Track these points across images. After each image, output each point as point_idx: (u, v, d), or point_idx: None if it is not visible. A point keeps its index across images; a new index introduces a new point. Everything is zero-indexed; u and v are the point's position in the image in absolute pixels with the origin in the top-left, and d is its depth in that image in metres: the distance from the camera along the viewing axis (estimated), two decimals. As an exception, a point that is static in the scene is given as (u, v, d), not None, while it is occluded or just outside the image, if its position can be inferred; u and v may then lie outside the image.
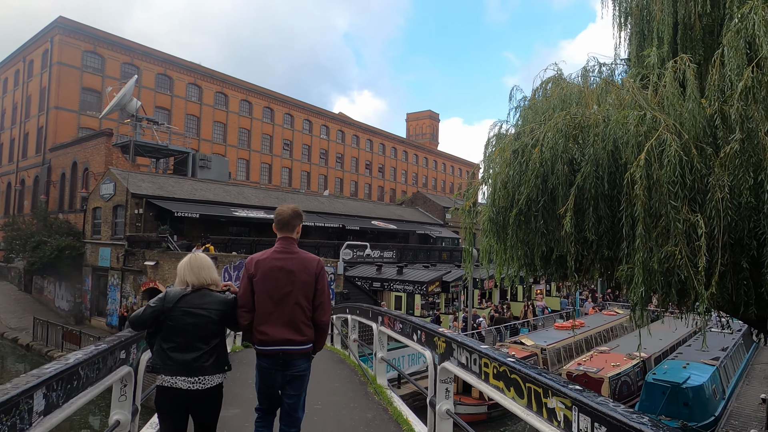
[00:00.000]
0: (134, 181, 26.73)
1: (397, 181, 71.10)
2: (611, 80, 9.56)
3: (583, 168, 6.35)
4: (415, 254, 38.53)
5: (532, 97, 11.36)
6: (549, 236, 6.63)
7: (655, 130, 6.36)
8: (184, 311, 3.25)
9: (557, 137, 6.58)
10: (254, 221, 30.65)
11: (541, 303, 32.09)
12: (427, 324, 4.47)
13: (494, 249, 7.02)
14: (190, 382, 3.15)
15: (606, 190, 6.37)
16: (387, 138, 70.20)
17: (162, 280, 22.84)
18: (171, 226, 25.93)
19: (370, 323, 7.14)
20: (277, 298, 3.49)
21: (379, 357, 6.33)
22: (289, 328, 3.47)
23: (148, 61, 43.17)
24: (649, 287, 5.61)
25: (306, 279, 3.58)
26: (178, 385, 3.15)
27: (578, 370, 15.80)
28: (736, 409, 15.75)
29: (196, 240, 26.56)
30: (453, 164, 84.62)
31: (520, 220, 6.63)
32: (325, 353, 10.82)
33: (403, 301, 25.04)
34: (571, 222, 6.12)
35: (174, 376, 3.16)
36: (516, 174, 6.90)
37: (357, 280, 25.51)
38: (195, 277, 3.40)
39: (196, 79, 46.75)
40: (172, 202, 26.60)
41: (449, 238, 48.29)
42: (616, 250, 6.50)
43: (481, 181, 7.46)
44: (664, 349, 20.30)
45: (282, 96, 55.38)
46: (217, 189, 31.87)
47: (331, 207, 39.62)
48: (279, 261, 3.57)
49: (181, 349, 3.20)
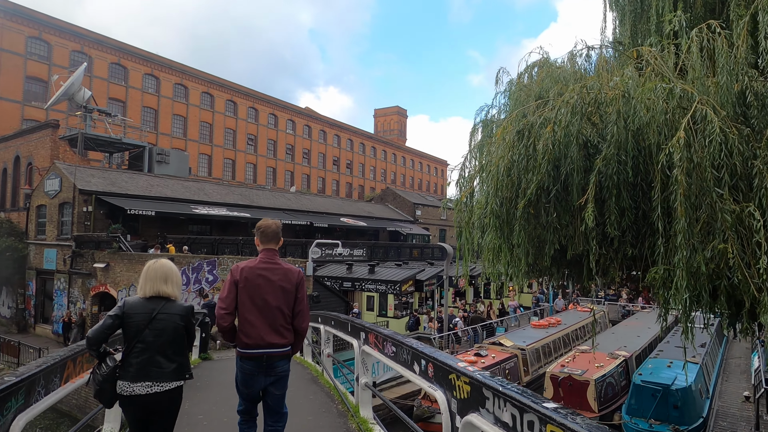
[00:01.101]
0: (82, 176, 24.62)
1: (365, 177, 69.85)
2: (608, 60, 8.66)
3: (605, 151, 5.32)
4: (385, 252, 37.43)
5: (518, 81, 10.46)
6: (562, 232, 5.59)
7: (683, 108, 5.39)
8: (144, 319, 3.30)
9: (572, 114, 5.52)
10: (216, 219, 28.91)
11: (513, 302, 31.29)
12: (436, 353, 3.30)
13: (498, 248, 5.92)
14: (149, 386, 3.20)
15: (630, 177, 5.36)
16: (355, 134, 68.83)
17: (113, 283, 20.98)
18: (124, 224, 23.99)
19: (349, 339, 5.94)
20: (261, 304, 3.73)
21: (363, 383, 5.14)
22: (271, 332, 3.71)
23: (100, 50, 40.51)
24: (695, 293, 4.60)
25: (287, 287, 3.83)
26: (137, 392, 3.19)
27: (563, 373, 15.03)
28: (721, 408, 15.31)
29: (152, 240, 24.72)
30: (422, 161, 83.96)
31: (528, 214, 5.55)
32: (294, 367, 9.55)
33: (375, 301, 23.90)
34: (593, 215, 5.07)
35: (133, 382, 3.21)
36: (522, 159, 5.82)
37: (326, 280, 24.18)
38: (151, 289, 3.44)
39: (153, 70, 44.25)
40: (125, 198, 24.63)
41: (420, 235, 47.45)
42: (640, 247, 5.50)
43: (479, 169, 6.34)
44: (644, 346, 19.85)
45: (246, 89, 53.26)
46: (176, 185, 29.92)
47: (298, 204, 38.09)
48: (264, 270, 3.82)
49: (140, 357, 3.25)
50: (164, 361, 3.28)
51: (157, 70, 44.61)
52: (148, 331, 3.27)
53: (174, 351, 3.35)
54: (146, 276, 3.48)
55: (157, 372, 3.24)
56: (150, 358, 3.25)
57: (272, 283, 3.77)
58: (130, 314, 3.31)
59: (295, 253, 28.50)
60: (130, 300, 3.42)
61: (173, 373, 3.30)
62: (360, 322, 5.40)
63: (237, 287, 3.73)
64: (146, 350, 3.25)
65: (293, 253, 27.94)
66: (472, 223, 6.74)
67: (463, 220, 6.80)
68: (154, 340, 3.27)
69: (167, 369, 3.27)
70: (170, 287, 3.48)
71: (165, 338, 3.31)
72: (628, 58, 6.39)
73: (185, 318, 3.44)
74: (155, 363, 3.25)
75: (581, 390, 14.67)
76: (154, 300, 3.39)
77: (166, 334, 3.32)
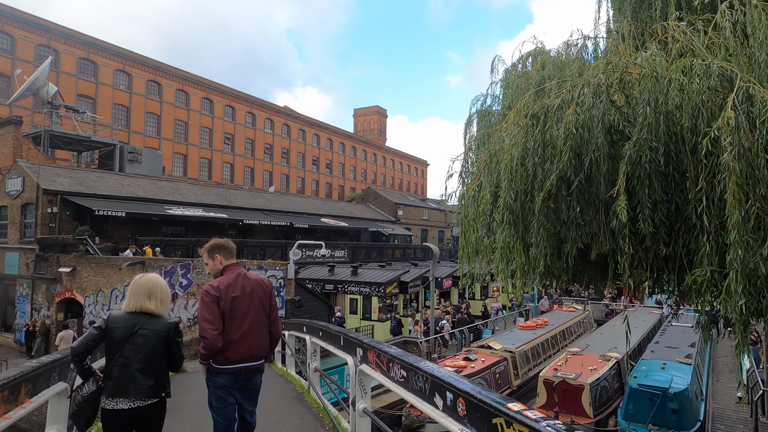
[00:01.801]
0: (47, 176, 23.20)
1: (345, 177, 68.90)
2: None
3: (635, 135, 4.64)
4: (367, 253, 36.66)
5: (515, 69, 9.88)
6: (585, 229, 4.90)
7: (721, 88, 4.76)
8: (125, 334, 3.27)
9: (596, 95, 4.84)
10: (192, 220, 27.71)
11: (496, 304, 30.67)
12: (470, 385, 2.53)
13: (511, 246, 5.19)
14: (131, 401, 3.18)
15: (661, 166, 4.69)
16: (335, 133, 67.83)
17: (80, 289, 19.71)
18: (93, 226, 22.68)
19: (341, 354, 5.15)
20: (242, 318, 3.74)
21: (361, 408, 4.35)
22: (254, 344, 3.77)
23: (68, 44, 38.75)
24: (753, 298, 3.94)
25: (263, 298, 3.91)
26: (119, 407, 3.17)
27: (556, 377, 14.45)
28: (716, 410, 14.95)
29: (122, 242, 23.44)
30: (402, 161, 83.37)
31: (548, 208, 4.84)
32: (277, 381, 8.69)
33: (358, 304, 23.08)
34: (626, 209, 4.38)
35: (114, 397, 3.19)
36: (538, 146, 5.11)
37: (307, 282, 23.24)
38: (135, 304, 3.40)
39: (125, 66, 42.60)
40: (93, 199, 23.29)
41: (402, 235, 46.79)
42: (674, 246, 4.83)
43: (488, 159, 5.60)
44: (633, 347, 19.46)
45: (222, 86, 51.82)
46: (149, 185, 28.60)
47: (278, 204, 37.01)
48: (239, 285, 3.82)
49: (119, 372, 3.22)
50: (142, 377, 3.23)
51: (129, 66, 42.97)
52: (128, 347, 3.25)
53: (152, 368, 3.29)
54: (131, 291, 3.45)
55: (134, 388, 3.20)
56: (128, 374, 3.21)
57: (252, 295, 3.84)
58: (112, 328, 3.29)
59: (274, 254, 27.50)
60: (114, 313, 3.40)
61: (150, 390, 3.24)
62: (356, 336, 4.61)
63: (219, 305, 3.70)
64: (125, 366, 3.22)
65: (272, 255, 26.94)
66: (476, 220, 5.99)
67: (468, 216, 6.05)
68: (134, 356, 3.24)
69: (144, 386, 3.22)
70: (153, 303, 3.41)
71: (144, 354, 3.26)
72: (650, 36, 5.73)
73: (167, 335, 3.36)
74: (133, 379, 3.21)
75: (576, 395, 14.11)
76: (137, 315, 3.36)
77: (145, 350, 3.27)
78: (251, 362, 3.75)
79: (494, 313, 28.21)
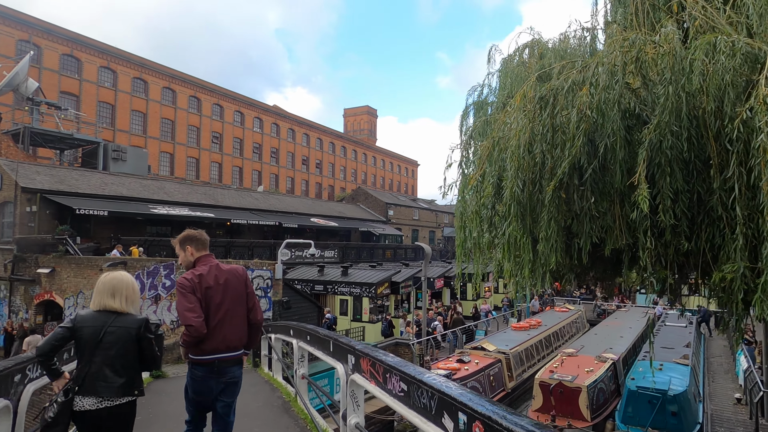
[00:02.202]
0: (26, 174, 22.42)
1: (335, 177, 68.30)
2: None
3: (656, 118, 4.21)
4: (358, 253, 36.17)
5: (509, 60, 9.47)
6: (599, 221, 4.46)
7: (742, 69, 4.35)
8: (94, 332, 3.20)
9: (611, 75, 4.40)
10: (177, 219, 26.97)
11: (485, 306, 30.07)
12: (489, 405, 2.06)
13: (519, 242, 4.73)
14: (98, 401, 3.12)
15: (684, 152, 4.26)
16: (324, 133, 67.21)
17: (59, 290, 18.99)
18: (75, 226, 21.95)
19: (330, 362, 4.67)
20: (217, 309, 3.70)
21: (353, 424, 3.87)
22: (229, 335, 3.72)
23: (51, 40, 37.78)
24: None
25: (238, 286, 3.86)
26: (86, 407, 3.12)
27: (552, 379, 14.06)
28: (715, 412, 14.66)
29: (104, 242, 22.74)
30: (392, 161, 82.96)
31: (559, 199, 4.39)
32: (262, 387, 8.17)
33: (349, 305, 22.56)
34: (648, 199, 3.95)
35: (83, 397, 3.13)
36: (546, 131, 4.66)
37: (296, 283, 22.66)
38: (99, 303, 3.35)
39: (110, 63, 41.68)
40: (74, 198, 22.55)
41: (392, 235, 46.34)
42: (696, 240, 4.40)
43: (490, 146, 5.14)
44: (628, 347, 19.17)
45: (210, 85, 51.01)
46: (133, 183, 27.86)
47: (267, 203, 36.38)
48: (215, 275, 3.77)
49: (89, 371, 3.16)
50: (112, 375, 3.16)
51: (114, 63, 42.06)
52: (97, 345, 3.18)
53: (123, 365, 3.22)
54: (96, 289, 3.43)
55: (105, 387, 3.14)
56: (98, 372, 3.15)
57: (226, 286, 3.78)
58: (80, 327, 3.23)
59: (263, 254, 26.94)
60: (82, 312, 3.34)
61: (121, 389, 3.17)
62: (347, 342, 4.12)
63: (196, 295, 3.65)
64: (95, 364, 3.16)
65: (261, 255, 26.37)
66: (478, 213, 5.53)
67: (467, 209, 5.58)
68: (104, 354, 3.18)
69: (114, 384, 3.15)
70: (117, 302, 3.35)
71: (114, 352, 3.19)
72: (665, 13, 5.31)
73: (137, 331, 3.30)
74: (102, 377, 3.15)
75: (572, 397, 13.73)
76: (105, 313, 3.30)
77: (115, 348, 3.21)
78: (226, 353, 3.68)
79: (484, 315, 27.68)
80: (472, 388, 14.72)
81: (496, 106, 7.89)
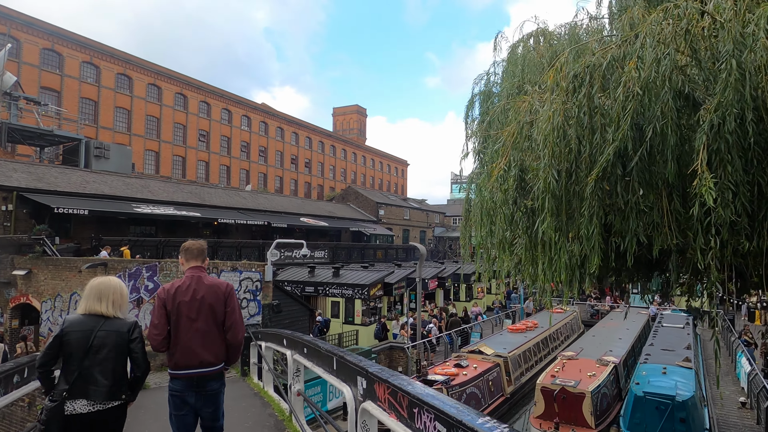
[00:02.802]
0: (2, 171, 21.42)
1: (325, 177, 67.45)
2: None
3: (718, 96, 3.61)
4: (348, 253, 35.48)
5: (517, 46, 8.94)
6: (647, 217, 3.86)
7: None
8: (83, 336, 3.24)
9: (662, 46, 3.79)
10: (162, 219, 26.11)
11: (476, 308, 29.23)
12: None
13: (553, 243, 4.10)
14: (90, 404, 3.14)
15: (750, 138, 3.67)
16: (314, 131, 66.34)
17: (36, 293, 18.04)
18: (54, 225, 20.97)
19: (333, 382, 4.02)
20: (188, 323, 3.69)
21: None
22: (201, 351, 3.67)
23: (30, 33, 36.50)
24: None
25: (215, 304, 3.78)
26: (77, 411, 3.13)
27: (555, 385, 13.51)
28: (720, 417, 14.21)
29: (85, 242, 21.81)
30: (382, 160, 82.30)
31: (602, 191, 3.77)
32: (253, 404, 7.45)
33: (341, 307, 21.86)
34: (712, 191, 3.35)
35: (73, 400, 3.14)
36: (583, 114, 4.03)
37: (286, 284, 21.92)
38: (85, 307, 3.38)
39: (93, 58, 40.47)
40: (53, 196, 21.58)
41: (383, 235, 45.69)
42: (758, 239, 3.81)
43: (516, 132, 4.49)
44: (628, 349, 18.73)
45: (197, 81, 49.89)
46: (116, 182, 26.88)
47: (255, 203, 35.52)
48: (190, 289, 3.77)
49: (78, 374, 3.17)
50: (101, 379, 3.19)
51: (98, 59, 40.84)
52: (88, 350, 3.21)
53: (111, 369, 3.24)
54: (84, 293, 3.46)
55: (94, 390, 3.16)
56: (87, 376, 3.17)
57: (200, 302, 3.75)
58: (68, 331, 3.27)
59: (251, 255, 26.14)
60: (70, 317, 3.37)
61: (110, 392, 3.20)
62: (357, 361, 3.46)
63: (166, 309, 3.70)
64: (84, 368, 3.18)
65: (249, 256, 25.56)
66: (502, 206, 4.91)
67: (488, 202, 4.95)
68: (93, 358, 3.20)
69: (103, 388, 3.18)
70: (104, 305, 3.38)
71: (102, 356, 3.23)
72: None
73: (125, 335, 3.34)
74: (93, 381, 3.17)
75: (576, 403, 13.20)
76: (93, 318, 3.34)
77: (103, 351, 3.24)
78: (201, 369, 3.66)
79: (474, 318, 26.74)
80: (471, 395, 14.15)
81: (508, 92, 7.27)
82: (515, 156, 4.47)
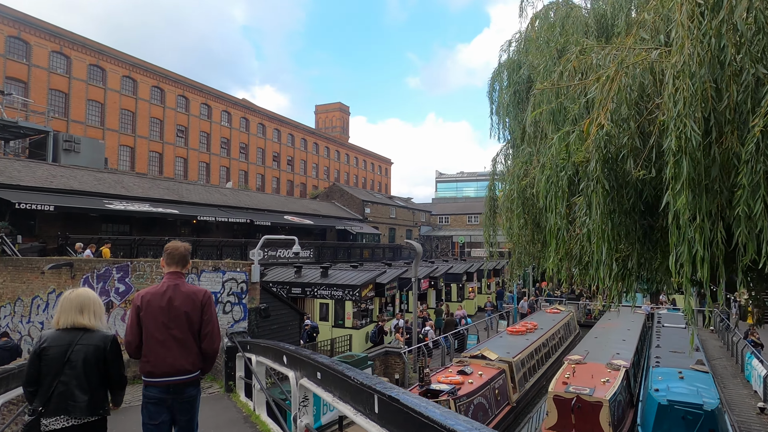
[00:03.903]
0: (-42, 163, 19.53)
1: (308, 175, 65.85)
2: None
3: None
4: (335, 252, 34.13)
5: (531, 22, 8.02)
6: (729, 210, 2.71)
7: None
8: (61, 351, 3.20)
9: None
10: (137, 216, 24.42)
11: (460, 311, 26.36)
12: None
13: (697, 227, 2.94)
14: (65, 420, 3.09)
15: None
16: (296, 128, 64.69)
17: (-6, 297, 16.29)
18: (14, 223, 19.20)
19: (368, 427, 2.74)
20: (163, 330, 3.64)
21: None
22: (176, 359, 3.63)
23: (-6, 20, 34.27)
24: None
25: (191, 311, 3.74)
26: (53, 426, 3.08)
27: (569, 393, 12.43)
28: (741, 424, 13.32)
29: (51, 241, 20.06)
30: (366, 158, 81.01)
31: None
32: (241, 429, 6.17)
33: (330, 309, 20.53)
34: None
35: (50, 417, 3.09)
36: (725, 46, 2.84)
37: (271, 285, 20.49)
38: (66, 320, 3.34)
39: (63, 48, 38.30)
40: (14, 191, 19.79)
41: (370, 234, 44.42)
42: None
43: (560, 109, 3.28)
44: (634, 352, 17.81)
45: (174, 75, 47.92)
46: (86, 176, 25.08)
47: (236, 200, 33.91)
48: (166, 296, 3.72)
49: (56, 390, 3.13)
50: (79, 394, 3.13)
51: (68, 48, 38.68)
52: (64, 364, 3.15)
53: (89, 384, 3.19)
54: (61, 307, 3.37)
55: (72, 405, 3.11)
56: (66, 391, 3.12)
57: (175, 309, 3.70)
58: (45, 347, 3.20)
59: (233, 254, 24.64)
60: (46, 333, 3.33)
61: (87, 408, 3.14)
62: (422, 410, 2.20)
63: (139, 316, 3.67)
64: (62, 383, 3.12)
65: (231, 255, 24.07)
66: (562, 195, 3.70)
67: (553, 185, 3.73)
68: (70, 373, 3.14)
69: (81, 403, 3.12)
70: (87, 318, 3.34)
71: (81, 370, 3.17)
72: None
73: (103, 349, 3.29)
74: (71, 396, 3.11)
75: (593, 413, 12.13)
76: (71, 332, 3.29)
77: (81, 366, 3.18)
78: (177, 377, 3.64)
79: (458, 321, 24.39)
80: (479, 406, 13.00)
81: (547, 58, 6.09)
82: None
